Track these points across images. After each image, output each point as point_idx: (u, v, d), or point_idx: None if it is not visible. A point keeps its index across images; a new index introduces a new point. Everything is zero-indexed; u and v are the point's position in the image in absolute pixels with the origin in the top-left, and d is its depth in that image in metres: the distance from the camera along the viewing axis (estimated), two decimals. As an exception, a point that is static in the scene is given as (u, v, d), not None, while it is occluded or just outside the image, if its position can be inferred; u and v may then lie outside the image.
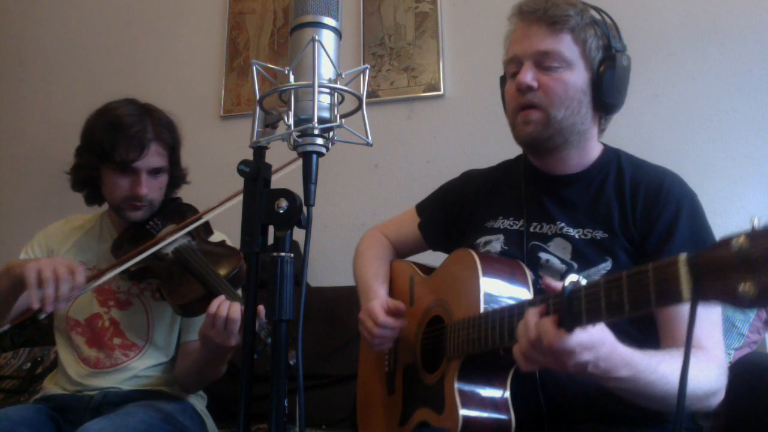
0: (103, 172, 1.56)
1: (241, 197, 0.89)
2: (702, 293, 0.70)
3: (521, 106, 1.22)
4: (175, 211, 1.62)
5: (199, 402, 1.66)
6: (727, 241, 0.67)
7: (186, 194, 1.77)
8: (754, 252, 0.64)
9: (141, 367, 1.57)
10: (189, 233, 1.52)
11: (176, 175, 1.66)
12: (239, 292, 1.49)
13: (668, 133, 2.17)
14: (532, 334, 0.88)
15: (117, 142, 1.49)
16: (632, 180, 1.23)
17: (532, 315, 0.90)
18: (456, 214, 1.45)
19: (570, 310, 0.85)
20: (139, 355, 1.58)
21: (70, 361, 1.59)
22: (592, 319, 0.84)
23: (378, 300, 1.34)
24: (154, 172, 1.56)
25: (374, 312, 1.30)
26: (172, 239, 1.46)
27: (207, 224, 1.62)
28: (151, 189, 1.55)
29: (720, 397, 1.04)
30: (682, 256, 0.72)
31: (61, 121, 2.89)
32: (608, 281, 0.82)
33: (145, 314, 1.59)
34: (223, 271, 1.46)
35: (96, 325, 1.59)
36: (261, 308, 1.34)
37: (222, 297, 1.37)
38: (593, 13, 1.24)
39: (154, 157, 1.54)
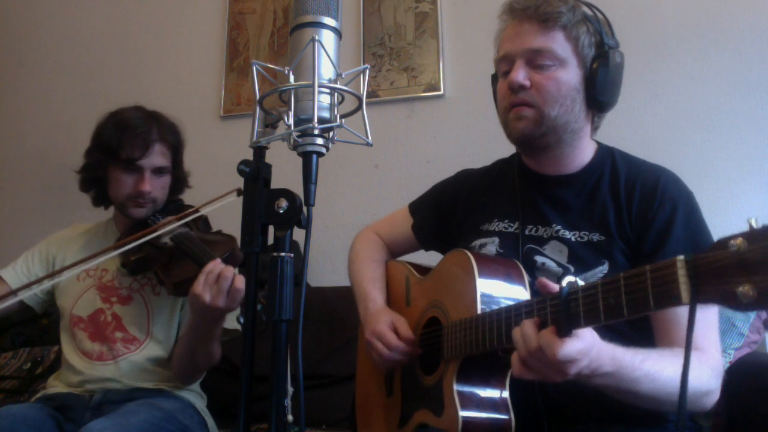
0: (109, 171, 1.65)
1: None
2: (701, 296, 0.69)
3: (513, 105, 1.20)
4: (176, 210, 1.69)
5: (199, 401, 1.67)
6: (724, 243, 0.66)
7: (186, 194, 1.80)
8: (752, 254, 0.64)
9: (141, 360, 1.60)
10: (187, 225, 1.59)
11: (179, 177, 1.74)
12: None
13: (668, 133, 2.17)
14: (533, 344, 0.88)
15: (124, 142, 1.60)
16: (627, 180, 1.21)
17: (528, 326, 0.90)
18: (450, 214, 1.44)
19: (567, 313, 0.85)
20: (139, 348, 1.61)
21: (73, 356, 1.63)
22: (590, 322, 0.83)
23: (384, 322, 1.31)
24: (158, 171, 1.65)
25: (386, 337, 1.27)
26: (171, 228, 1.53)
27: (206, 220, 1.71)
28: (155, 187, 1.64)
29: (714, 397, 1.04)
30: (680, 259, 0.72)
31: (61, 121, 2.88)
32: (605, 283, 0.82)
33: (145, 309, 1.64)
34: (218, 253, 1.48)
35: (99, 320, 1.63)
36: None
37: (217, 260, 1.40)
38: (585, 9, 1.22)
39: (157, 156, 1.63)
